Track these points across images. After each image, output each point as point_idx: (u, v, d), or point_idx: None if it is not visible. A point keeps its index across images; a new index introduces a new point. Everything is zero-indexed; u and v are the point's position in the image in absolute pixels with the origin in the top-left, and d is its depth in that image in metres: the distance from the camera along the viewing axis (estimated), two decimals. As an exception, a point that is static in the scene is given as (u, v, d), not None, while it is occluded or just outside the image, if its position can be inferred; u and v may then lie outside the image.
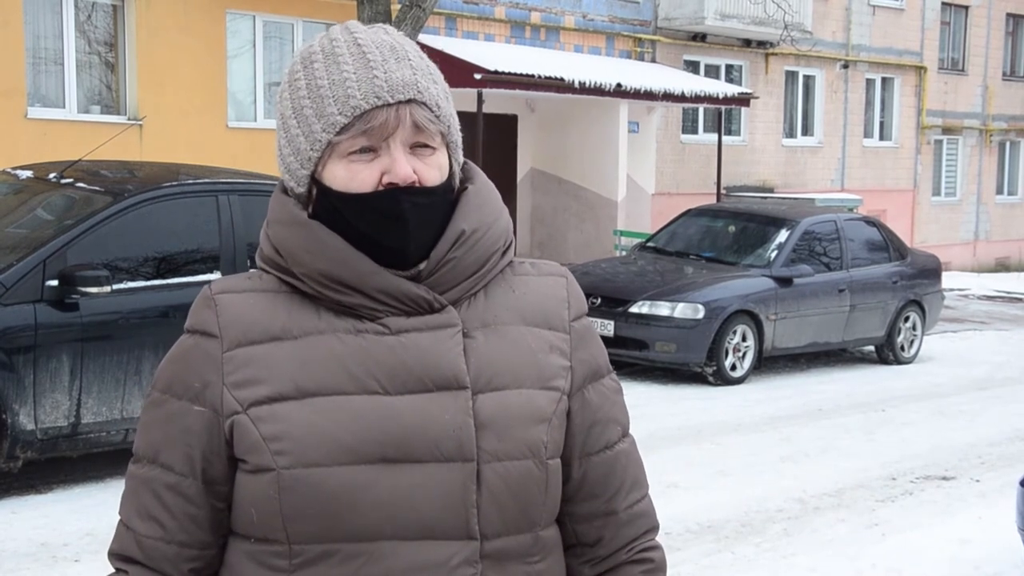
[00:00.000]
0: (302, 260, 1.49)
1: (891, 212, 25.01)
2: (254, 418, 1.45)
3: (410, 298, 1.48)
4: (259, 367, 1.47)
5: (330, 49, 1.51)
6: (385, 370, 1.46)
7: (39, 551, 5.79)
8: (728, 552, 6.23)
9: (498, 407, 1.48)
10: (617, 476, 1.62)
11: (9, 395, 6.37)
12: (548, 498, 1.54)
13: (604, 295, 11.37)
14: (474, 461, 1.46)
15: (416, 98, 1.48)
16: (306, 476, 1.42)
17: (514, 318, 1.55)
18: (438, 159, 1.51)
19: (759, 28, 21.39)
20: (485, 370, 1.49)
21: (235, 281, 1.54)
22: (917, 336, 13.40)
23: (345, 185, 1.48)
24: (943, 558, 6.20)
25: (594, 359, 1.62)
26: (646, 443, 8.50)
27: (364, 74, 1.47)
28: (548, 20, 19.35)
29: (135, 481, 1.54)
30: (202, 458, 1.48)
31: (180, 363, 1.52)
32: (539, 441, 1.51)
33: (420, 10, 12.79)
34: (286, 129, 1.52)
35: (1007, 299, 21.01)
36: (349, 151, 1.48)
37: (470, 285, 1.53)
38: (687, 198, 19.09)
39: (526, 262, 1.63)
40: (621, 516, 1.63)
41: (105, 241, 6.90)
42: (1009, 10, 29.16)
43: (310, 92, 1.49)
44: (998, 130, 29.04)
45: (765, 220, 12.85)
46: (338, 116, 1.46)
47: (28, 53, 13.34)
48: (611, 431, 1.62)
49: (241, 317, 1.49)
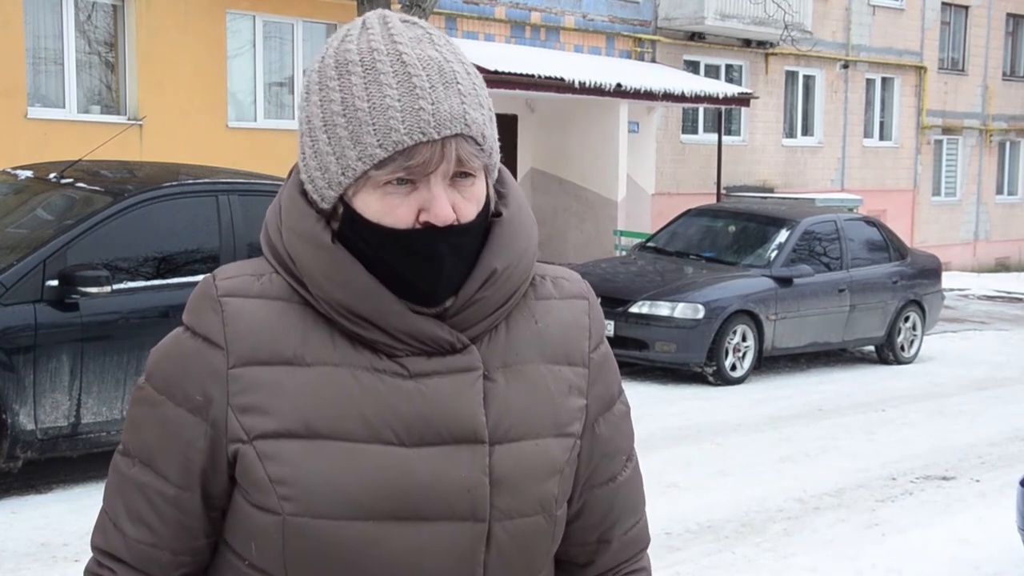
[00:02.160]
0: (320, 284, 1.40)
1: (891, 212, 25.01)
2: (260, 453, 1.39)
3: (433, 340, 1.41)
4: (268, 394, 1.39)
5: (371, 62, 1.38)
6: (402, 420, 1.39)
7: (39, 551, 5.79)
8: (728, 552, 6.23)
9: (514, 462, 1.43)
10: (617, 508, 1.59)
11: (9, 395, 6.37)
12: (553, 546, 1.51)
13: (604, 295, 11.36)
14: (486, 521, 1.41)
15: (463, 132, 1.37)
16: (313, 527, 1.37)
17: (535, 355, 1.48)
18: (477, 190, 1.42)
19: (759, 28, 21.39)
20: (503, 419, 1.43)
21: (243, 280, 1.44)
22: (917, 336, 13.40)
23: (379, 218, 1.38)
24: (943, 558, 6.20)
25: (608, 390, 1.56)
26: (646, 443, 8.50)
27: (409, 103, 1.35)
28: (548, 20, 19.35)
29: (125, 480, 1.47)
30: (201, 473, 1.43)
31: (179, 365, 1.43)
32: (551, 496, 1.47)
33: (420, 10, 12.79)
34: (313, 141, 1.41)
35: (1007, 299, 21.01)
36: (385, 181, 1.38)
37: (494, 320, 1.46)
38: (687, 198, 19.10)
39: (547, 279, 1.54)
40: (614, 544, 1.60)
41: (105, 241, 6.89)
42: (1009, 10, 29.16)
43: (346, 110, 1.38)
44: (998, 130, 29.04)
45: (765, 220, 12.85)
46: (377, 149, 1.35)
47: (28, 53, 13.34)
48: (616, 462, 1.58)
49: (250, 330, 1.40)
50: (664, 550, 6.15)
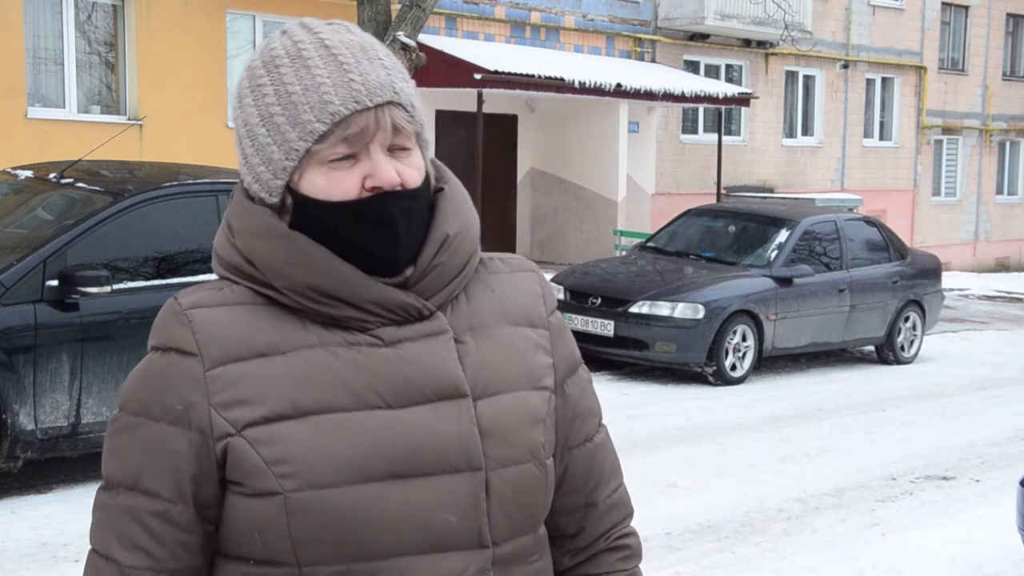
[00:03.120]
0: (286, 273, 1.43)
1: (891, 212, 25.01)
2: (252, 440, 1.39)
3: (401, 307, 1.45)
4: (249, 386, 1.41)
5: (296, 52, 1.45)
6: (385, 383, 1.43)
7: (39, 551, 5.79)
8: (728, 552, 6.23)
9: (498, 413, 1.48)
10: (597, 468, 1.63)
11: (9, 395, 6.37)
12: (548, 498, 1.55)
13: (604, 295, 11.37)
14: (482, 470, 1.45)
15: (393, 99, 1.44)
16: (315, 499, 1.39)
17: (498, 319, 1.54)
18: (415, 159, 1.48)
19: (759, 28, 21.39)
20: (481, 376, 1.48)
21: (204, 294, 1.46)
22: (917, 336, 13.40)
23: (326, 194, 1.43)
24: (943, 558, 6.20)
25: (571, 352, 1.62)
26: (646, 443, 8.51)
27: (339, 77, 1.42)
28: (548, 20, 19.36)
29: (111, 511, 1.44)
30: (192, 482, 1.41)
31: (154, 383, 1.43)
32: (538, 443, 1.51)
33: (420, 10, 12.80)
34: (253, 138, 1.46)
35: (1007, 299, 21.01)
36: (329, 159, 1.42)
37: (454, 288, 1.51)
38: (687, 198, 19.10)
39: (495, 257, 1.62)
40: (600, 507, 1.63)
41: (105, 241, 6.89)
42: (1009, 10, 29.17)
43: (280, 98, 1.43)
44: (998, 130, 29.05)
45: (765, 220, 12.85)
46: (316, 123, 1.41)
47: (28, 53, 13.35)
48: (590, 423, 1.63)
49: (220, 333, 1.42)
50: (664, 550, 6.15)
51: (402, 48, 12.53)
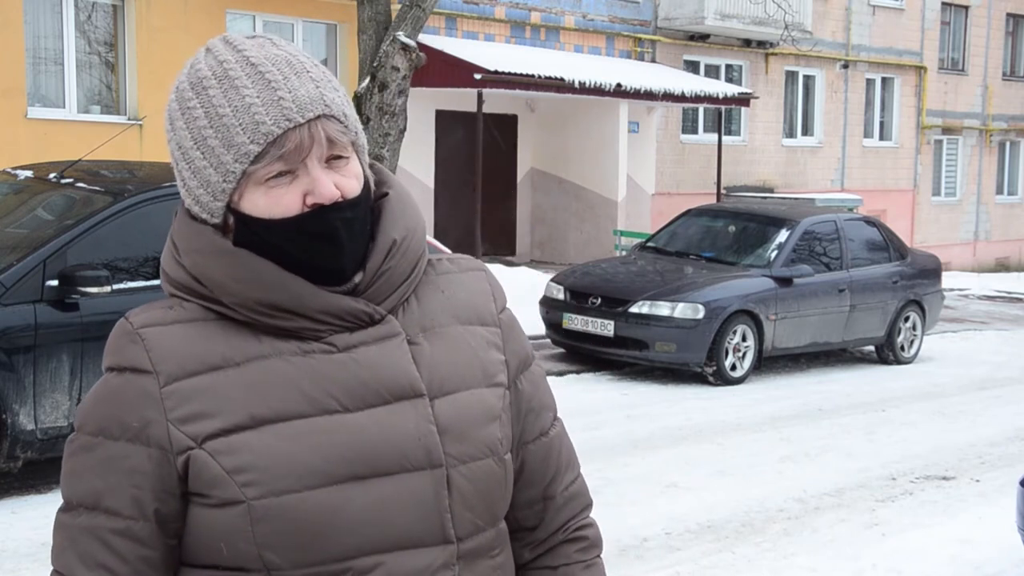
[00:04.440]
0: (232, 290, 1.45)
1: (891, 212, 25.02)
2: (212, 452, 1.40)
3: (352, 314, 1.47)
4: (205, 400, 1.42)
5: (222, 72, 1.44)
6: (341, 387, 1.44)
7: (39, 551, 5.79)
8: (728, 552, 6.23)
9: (455, 410, 1.50)
10: (553, 461, 1.65)
11: (9, 395, 6.37)
12: (507, 492, 1.57)
13: (604, 295, 11.38)
14: (443, 467, 1.47)
15: (325, 112, 1.44)
16: (278, 505, 1.40)
17: (449, 319, 1.56)
18: (353, 167, 1.48)
19: (759, 28, 21.40)
20: (436, 375, 1.50)
21: (155, 313, 1.47)
22: (917, 336, 13.40)
23: (268, 212, 1.44)
24: (943, 558, 6.20)
25: (523, 348, 1.64)
26: (646, 443, 8.51)
27: (268, 96, 1.42)
28: (548, 20, 19.36)
29: (72, 531, 1.44)
30: (154, 498, 1.42)
31: (111, 403, 1.44)
32: (495, 439, 1.53)
33: (420, 10, 12.79)
34: (188, 161, 1.46)
35: (1007, 299, 21.01)
36: (267, 177, 1.43)
37: (403, 291, 1.53)
38: (687, 198, 19.10)
39: (443, 259, 1.64)
40: (558, 500, 1.65)
41: (105, 241, 6.89)
42: (1009, 10, 29.17)
43: (211, 121, 1.43)
44: (998, 130, 29.06)
45: (765, 220, 12.84)
46: (250, 145, 1.41)
47: (28, 53, 13.35)
48: (544, 418, 1.65)
49: (174, 349, 1.43)
50: (664, 550, 6.15)
51: (402, 48, 12.53)
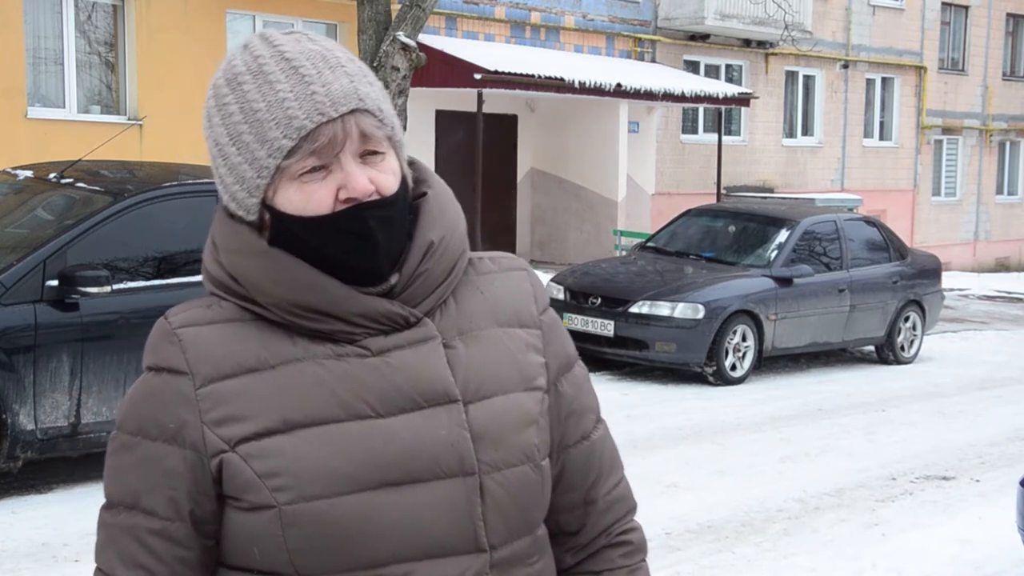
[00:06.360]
0: (268, 291, 1.44)
1: (891, 212, 25.01)
2: (244, 456, 1.40)
3: (387, 317, 1.45)
4: (239, 402, 1.42)
5: (257, 67, 1.44)
6: (374, 392, 1.43)
7: (39, 551, 5.79)
8: (728, 552, 6.23)
9: (490, 416, 1.47)
10: (595, 465, 1.62)
11: (9, 395, 6.37)
12: (544, 499, 1.54)
13: (604, 295, 11.37)
14: (476, 474, 1.45)
15: (359, 107, 1.43)
16: (309, 510, 1.39)
17: (488, 321, 1.53)
18: (390, 164, 1.46)
19: (759, 28, 21.39)
20: (472, 379, 1.48)
21: (194, 312, 1.47)
22: (917, 336, 13.40)
23: (301, 208, 1.42)
24: (943, 558, 6.20)
25: (564, 350, 1.61)
26: (646, 443, 8.50)
27: (302, 90, 1.41)
28: (548, 20, 19.36)
29: (113, 529, 1.46)
30: (188, 499, 1.43)
31: (149, 403, 1.45)
32: (532, 445, 1.50)
33: (420, 10, 12.79)
34: (224, 157, 1.46)
35: (1007, 299, 21.01)
36: (300, 172, 1.42)
37: (441, 293, 1.50)
38: (687, 198, 19.10)
39: (484, 258, 1.60)
40: (600, 504, 1.62)
41: (105, 241, 6.89)
42: (1009, 10, 29.17)
43: (246, 116, 1.43)
44: (998, 130, 29.05)
45: (765, 220, 12.85)
46: (283, 140, 1.41)
47: (28, 53, 13.35)
48: (586, 420, 1.62)
49: (210, 351, 1.43)
50: (664, 550, 6.15)
51: (402, 48, 12.52)
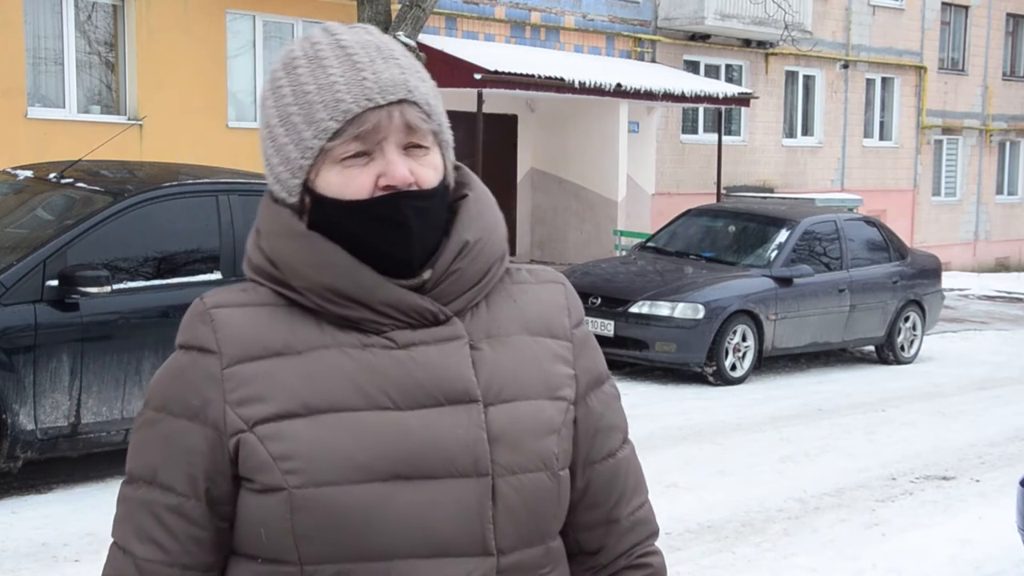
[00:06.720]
0: (304, 274, 1.45)
1: (891, 212, 25.01)
2: (261, 437, 1.42)
3: (416, 311, 1.46)
4: (262, 384, 1.43)
5: (313, 53, 1.47)
6: (396, 385, 1.43)
7: (39, 551, 5.79)
8: (728, 552, 6.23)
9: (510, 419, 1.47)
10: (619, 484, 1.61)
11: (9, 395, 6.37)
12: (560, 509, 1.53)
13: (604, 295, 11.37)
14: (489, 476, 1.44)
15: (407, 98, 1.45)
16: (318, 495, 1.40)
17: (517, 328, 1.53)
18: (432, 159, 1.48)
19: (759, 28, 21.38)
20: (494, 382, 1.47)
21: (229, 294, 1.49)
22: (917, 336, 13.40)
23: (340, 192, 1.44)
24: (943, 558, 6.20)
25: (596, 366, 1.61)
26: (646, 443, 8.50)
27: (352, 76, 1.44)
28: (548, 20, 19.35)
29: (131, 503, 1.48)
30: (205, 478, 1.44)
31: (176, 381, 1.47)
32: (551, 452, 1.49)
33: (420, 10, 12.80)
34: (273, 138, 1.49)
35: (1007, 299, 21.01)
36: (342, 156, 1.44)
37: (473, 295, 1.50)
38: (687, 198, 19.09)
39: (523, 269, 1.61)
40: (623, 524, 1.62)
41: (105, 241, 6.90)
42: (1009, 10, 29.16)
43: (296, 98, 1.46)
44: (998, 130, 29.04)
45: (765, 220, 12.85)
46: (329, 121, 1.43)
47: (28, 53, 13.34)
48: (613, 438, 1.61)
49: (240, 332, 1.45)
50: (664, 550, 6.12)
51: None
